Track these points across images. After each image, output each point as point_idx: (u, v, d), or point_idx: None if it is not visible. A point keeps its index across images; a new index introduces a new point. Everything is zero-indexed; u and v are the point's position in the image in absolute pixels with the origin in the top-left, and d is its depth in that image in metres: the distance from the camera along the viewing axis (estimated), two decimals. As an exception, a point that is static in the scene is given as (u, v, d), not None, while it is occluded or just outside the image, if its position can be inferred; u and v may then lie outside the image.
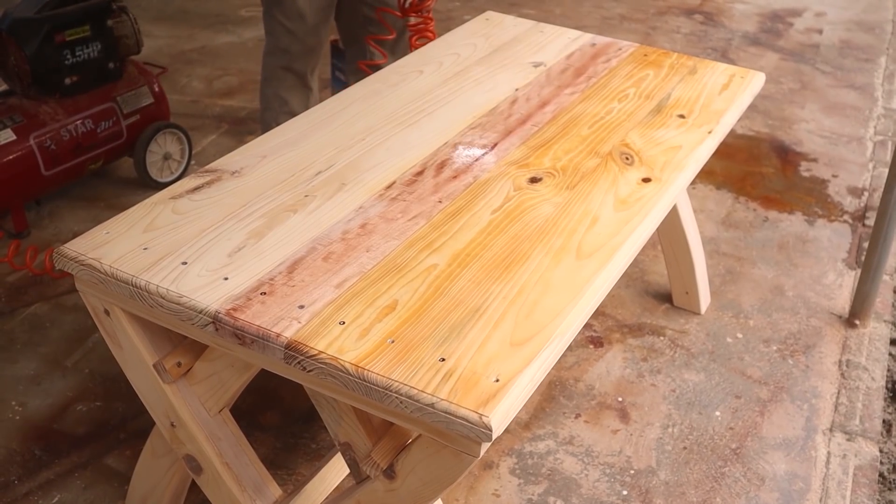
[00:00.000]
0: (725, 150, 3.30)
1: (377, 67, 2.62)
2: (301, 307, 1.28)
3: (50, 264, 2.48)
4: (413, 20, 2.61)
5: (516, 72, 2.09)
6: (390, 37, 2.66)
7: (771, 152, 3.34)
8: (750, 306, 2.52)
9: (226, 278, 1.34)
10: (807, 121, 3.58)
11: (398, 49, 2.78)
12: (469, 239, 1.46)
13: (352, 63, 2.87)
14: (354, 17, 2.75)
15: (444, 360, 1.20)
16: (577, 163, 1.71)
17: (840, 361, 2.33)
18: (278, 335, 1.23)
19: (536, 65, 2.14)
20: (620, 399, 2.18)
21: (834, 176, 3.20)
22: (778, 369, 2.30)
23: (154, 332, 1.45)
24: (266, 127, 2.75)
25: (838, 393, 2.23)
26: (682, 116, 1.92)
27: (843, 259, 2.74)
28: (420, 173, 1.65)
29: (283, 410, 2.10)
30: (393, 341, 1.23)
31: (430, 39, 2.56)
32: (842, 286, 2.62)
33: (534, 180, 1.65)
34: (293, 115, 2.66)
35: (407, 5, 2.57)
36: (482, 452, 1.18)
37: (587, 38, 2.31)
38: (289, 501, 1.60)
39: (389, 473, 1.30)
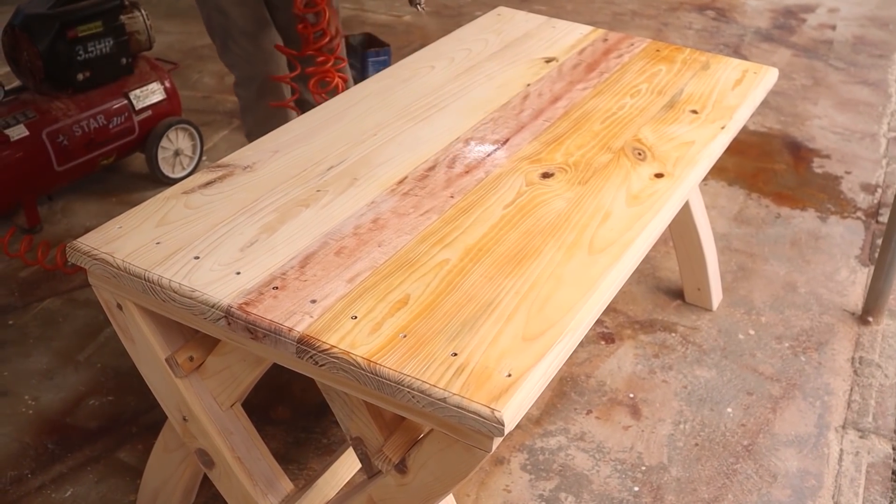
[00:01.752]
0: (738, 147, 3.29)
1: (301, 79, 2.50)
2: (313, 302, 1.28)
3: (62, 260, 2.49)
4: (315, 58, 2.39)
5: (528, 67, 2.09)
6: (296, 72, 2.45)
7: (783, 148, 3.33)
8: (762, 303, 2.51)
9: (238, 273, 1.34)
10: (819, 117, 3.56)
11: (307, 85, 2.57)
12: (481, 234, 1.46)
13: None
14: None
15: (456, 354, 1.20)
16: (590, 158, 1.71)
17: (853, 358, 2.32)
18: (290, 329, 1.23)
19: (548, 60, 2.13)
20: (632, 395, 2.18)
21: (847, 172, 3.18)
22: (790, 366, 2.29)
23: (166, 326, 1.45)
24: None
25: (851, 390, 2.22)
26: (694, 112, 1.91)
27: (856, 256, 2.73)
28: (432, 168, 1.65)
29: (295, 405, 2.11)
30: (405, 336, 1.23)
31: (331, 84, 2.37)
32: (855, 283, 2.60)
33: (546, 175, 1.64)
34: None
35: (308, 29, 2.35)
36: (494, 447, 1.17)
37: (599, 33, 2.30)
38: (300, 496, 1.60)
39: (401, 468, 1.30)
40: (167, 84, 2.94)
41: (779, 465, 2.00)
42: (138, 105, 2.84)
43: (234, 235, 1.43)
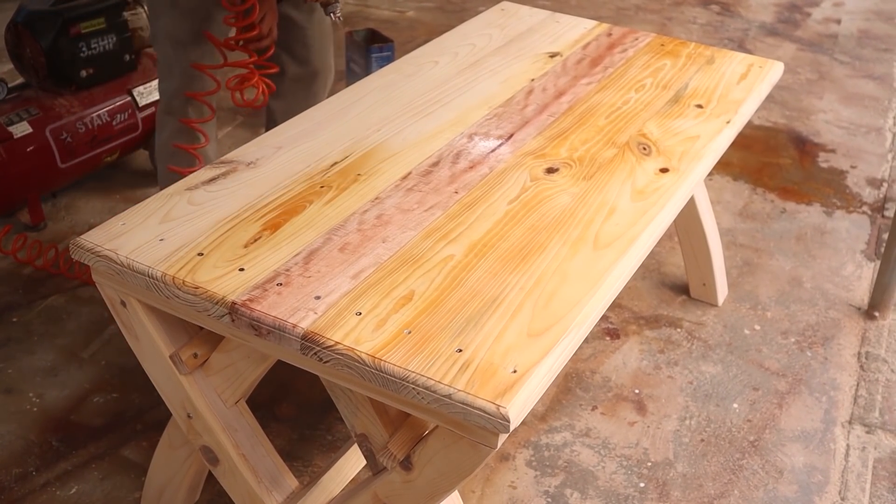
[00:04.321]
0: (743, 141, 3.27)
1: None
2: (317, 298, 1.28)
3: (65, 266, 2.49)
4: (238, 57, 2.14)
5: (532, 62, 2.08)
6: (216, 66, 2.16)
7: (788, 143, 3.32)
8: (768, 298, 2.50)
9: (242, 269, 1.34)
10: (825, 111, 3.54)
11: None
12: (486, 229, 1.46)
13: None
14: None
15: (461, 350, 1.20)
16: (594, 153, 1.70)
17: (859, 353, 2.31)
18: (294, 326, 1.23)
19: (552, 55, 2.12)
20: (637, 391, 2.17)
21: (852, 167, 3.17)
22: (796, 361, 2.28)
23: (170, 323, 1.45)
24: (163, 184, 2.26)
25: (857, 385, 2.21)
26: (699, 106, 1.90)
27: (861, 250, 2.72)
28: (436, 164, 1.64)
29: (299, 402, 2.10)
30: (409, 332, 1.22)
31: (250, 82, 2.12)
32: (861, 278, 2.59)
33: (550, 171, 1.64)
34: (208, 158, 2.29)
35: (234, 27, 2.11)
36: (499, 443, 1.17)
37: (603, 28, 2.30)
38: (305, 493, 1.59)
39: (406, 465, 1.29)
40: (170, 80, 2.93)
41: (785, 460, 1.99)
42: (142, 101, 2.83)
43: (238, 232, 1.43)
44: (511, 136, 1.75)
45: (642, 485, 1.92)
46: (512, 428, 1.12)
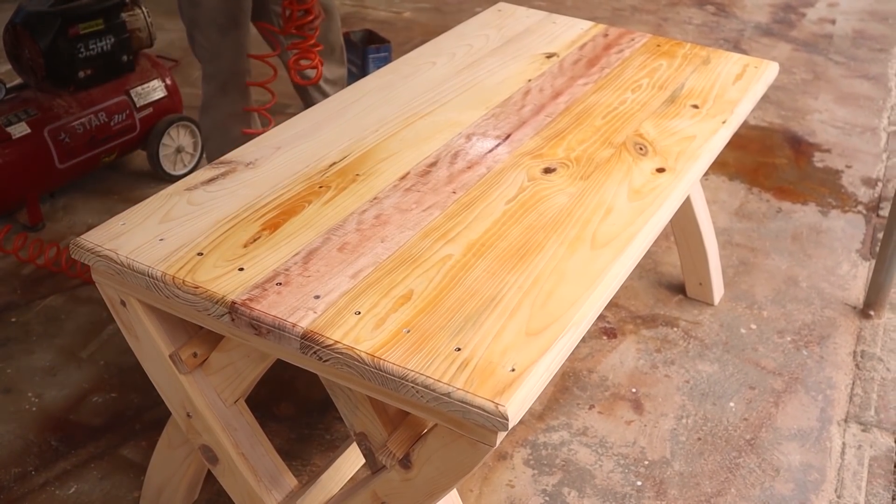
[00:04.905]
0: (738, 141, 3.29)
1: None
2: (317, 297, 1.29)
3: (66, 264, 2.49)
4: (295, 38, 2.40)
5: (529, 63, 2.09)
6: (274, 53, 2.47)
7: (784, 143, 3.33)
8: (764, 297, 2.51)
9: (241, 269, 1.34)
10: (820, 111, 3.56)
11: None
12: (484, 229, 1.46)
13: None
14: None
15: (459, 349, 1.20)
16: (591, 153, 1.71)
17: (855, 352, 2.33)
18: (294, 325, 1.24)
19: (549, 56, 2.13)
20: (634, 390, 2.18)
21: (848, 166, 3.18)
22: (792, 360, 2.29)
23: (170, 322, 1.45)
24: (211, 157, 2.55)
25: (853, 383, 2.22)
26: (695, 106, 1.91)
27: (857, 250, 2.73)
28: (434, 164, 1.65)
29: (298, 401, 2.11)
30: (408, 331, 1.23)
31: (312, 63, 2.39)
32: (856, 277, 2.61)
33: (548, 171, 1.64)
34: (236, 141, 2.45)
35: (288, 14, 2.35)
36: (498, 442, 1.18)
37: (600, 28, 2.31)
38: (304, 492, 1.60)
39: (405, 463, 1.30)
40: (168, 81, 2.94)
41: (781, 458, 2.01)
42: (140, 102, 2.84)
43: (238, 232, 1.43)
44: (508, 136, 1.76)
45: (639, 483, 1.93)
46: (510, 426, 1.12)
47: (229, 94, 2.43)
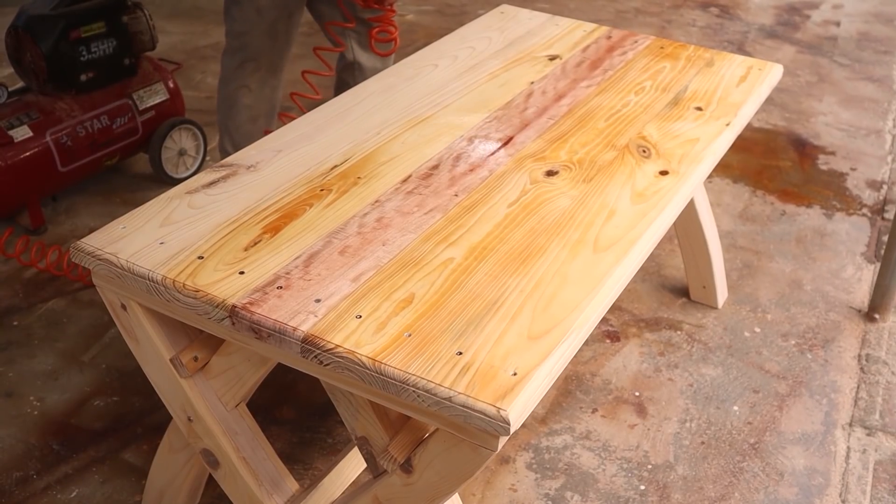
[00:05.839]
0: (742, 144, 3.28)
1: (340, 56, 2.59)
2: (317, 301, 1.28)
3: (67, 268, 2.49)
4: (375, 12, 2.44)
5: (532, 65, 2.08)
6: (350, 25, 2.48)
7: (788, 145, 3.32)
8: (768, 300, 2.50)
9: (242, 272, 1.34)
10: (824, 114, 3.55)
11: (364, 41, 2.60)
12: (485, 232, 1.46)
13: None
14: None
15: (461, 353, 1.20)
16: (594, 156, 1.70)
17: (859, 356, 2.31)
18: (295, 329, 1.23)
19: (552, 58, 2.13)
20: (637, 394, 2.17)
21: (852, 169, 3.17)
22: (796, 364, 2.28)
23: (171, 326, 1.45)
24: (223, 129, 2.62)
25: (858, 387, 2.21)
26: (699, 109, 1.90)
27: (861, 253, 2.72)
28: (436, 167, 1.65)
29: (299, 405, 2.10)
30: (410, 335, 1.23)
31: (391, 35, 2.44)
32: (861, 280, 2.60)
33: (550, 173, 1.64)
34: (252, 116, 2.55)
35: None
36: (500, 446, 1.17)
37: (603, 30, 2.30)
38: (305, 496, 1.60)
39: (407, 467, 1.30)
40: (170, 84, 2.93)
41: (785, 463, 2.00)
42: (142, 105, 2.84)
43: (238, 235, 1.43)
44: (511, 138, 1.75)
45: (643, 487, 1.92)
46: (512, 430, 1.12)
47: (250, 74, 2.48)
